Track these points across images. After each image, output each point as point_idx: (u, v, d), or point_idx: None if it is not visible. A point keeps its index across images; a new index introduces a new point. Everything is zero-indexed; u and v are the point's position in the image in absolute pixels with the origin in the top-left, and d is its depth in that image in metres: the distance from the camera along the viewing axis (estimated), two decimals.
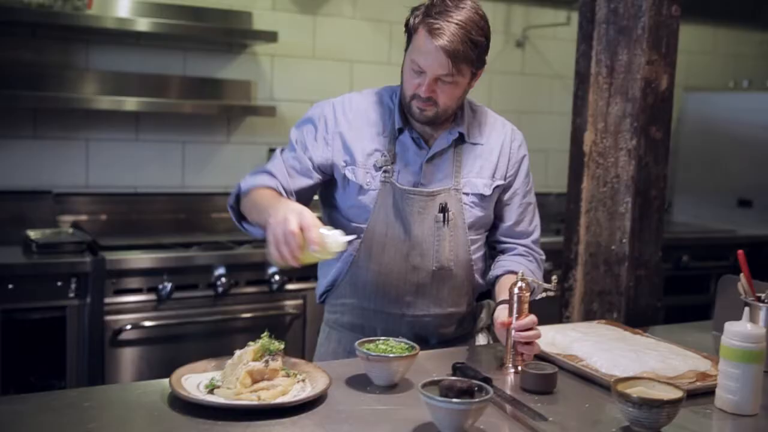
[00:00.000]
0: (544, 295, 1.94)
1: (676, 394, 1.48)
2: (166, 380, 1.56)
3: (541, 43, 4.78)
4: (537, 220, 2.13)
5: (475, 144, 2.01)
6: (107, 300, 2.92)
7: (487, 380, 1.65)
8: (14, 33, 3.36)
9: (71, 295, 2.85)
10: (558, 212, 4.35)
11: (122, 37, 3.54)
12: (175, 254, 3.09)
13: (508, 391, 1.69)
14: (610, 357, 1.82)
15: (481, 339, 2.15)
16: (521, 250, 2.08)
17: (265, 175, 1.96)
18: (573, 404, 1.65)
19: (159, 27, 3.38)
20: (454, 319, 2.05)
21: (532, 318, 1.80)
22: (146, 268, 2.98)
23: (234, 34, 3.69)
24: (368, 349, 1.68)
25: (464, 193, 1.98)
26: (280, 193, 1.91)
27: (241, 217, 1.96)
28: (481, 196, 2.00)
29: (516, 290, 1.82)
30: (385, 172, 1.95)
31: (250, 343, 1.62)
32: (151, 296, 3.03)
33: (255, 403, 1.49)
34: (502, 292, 1.92)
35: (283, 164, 1.98)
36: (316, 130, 1.99)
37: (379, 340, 1.74)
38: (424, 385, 1.46)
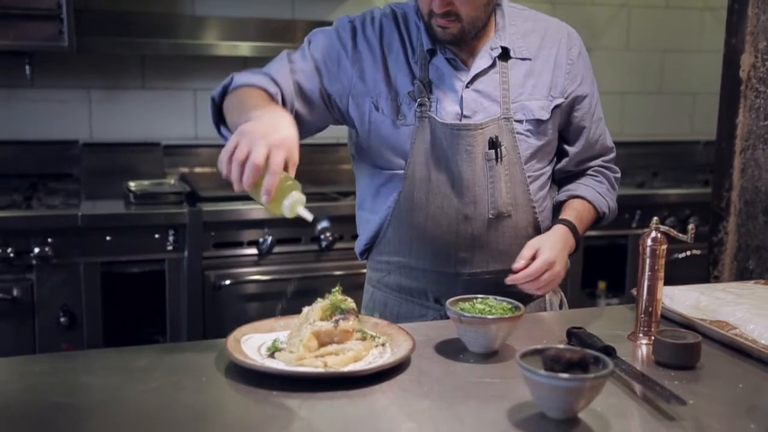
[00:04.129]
0: (686, 254, 1.57)
1: None
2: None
3: None
4: (607, 137, 1.84)
5: (524, 59, 1.67)
6: (206, 254, 2.79)
7: (609, 350, 1.34)
8: None
9: (170, 247, 2.74)
10: (706, 162, 3.87)
11: None
12: None
13: (638, 365, 1.37)
14: None
15: (554, 300, 1.83)
16: (590, 170, 1.81)
17: (267, 77, 1.60)
18: (720, 384, 1.31)
19: None
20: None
21: (546, 259, 1.58)
22: (245, 220, 2.82)
23: None
24: (462, 309, 1.40)
25: (517, 121, 1.64)
26: (277, 102, 1.55)
27: (221, 119, 1.61)
28: (538, 122, 1.67)
29: (649, 242, 1.47)
30: (421, 105, 1.63)
31: (319, 299, 1.38)
32: (252, 250, 2.87)
33: (317, 370, 1.25)
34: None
35: (290, 75, 1.62)
36: (333, 51, 1.64)
37: (476, 298, 1.45)
38: (524, 355, 1.17)
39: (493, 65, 1.65)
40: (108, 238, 2.67)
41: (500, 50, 1.65)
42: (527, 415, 1.15)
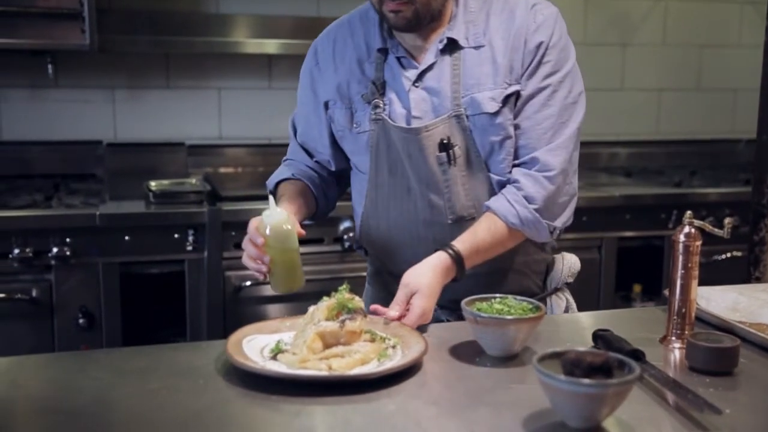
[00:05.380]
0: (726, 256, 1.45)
1: None
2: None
3: None
4: (563, 140, 1.50)
5: (478, 47, 1.52)
6: (227, 254, 2.73)
7: (637, 354, 1.24)
8: None
9: (189, 248, 2.68)
10: (748, 161, 3.71)
11: None
12: None
13: (669, 371, 1.26)
14: None
15: (558, 303, 1.67)
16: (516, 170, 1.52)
17: (283, 165, 1.74)
18: (759, 391, 1.21)
19: None
20: (499, 278, 1.59)
21: (419, 314, 1.39)
22: None
23: None
24: (479, 309, 1.31)
25: (468, 117, 1.51)
26: (298, 180, 1.67)
27: None
28: (490, 116, 1.50)
29: (682, 237, 1.37)
30: (375, 107, 1.56)
31: (325, 298, 1.30)
32: None
33: (319, 373, 1.17)
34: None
35: (295, 139, 1.73)
36: (305, 97, 1.69)
37: (494, 297, 1.36)
38: (542, 359, 1.08)
39: (440, 59, 1.53)
40: (127, 238, 2.62)
41: (446, 41, 1.52)
42: (545, 424, 1.06)
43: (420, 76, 1.54)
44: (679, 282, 1.37)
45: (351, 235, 2.83)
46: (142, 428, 1.05)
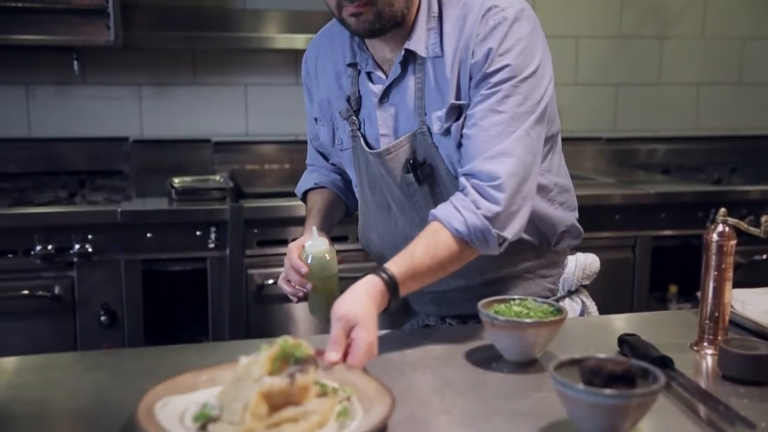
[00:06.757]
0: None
1: None
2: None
3: None
4: (506, 146, 1.31)
5: (436, 57, 1.39)
6: (249, 252, 2.68)
7: (665, 361, 1.16)
8: None
9: (211, 245, 2.64)
10: None
11: None
12: None
13: (700, 380, 1.18)
14: None
15: (573, 307, 1.56)
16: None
17: (307, 172, 1.74)
18: None
19: None
20: (498, 288, 1.47)
21: (367, 350, 1.15)
22: (289, 217, 2.70)
23: None
24: (496, 312, 1.24)
25: (432, 133, 1.40)
26: (324, 188, 1.68)
27: None
28: (443, 134, 1.38)
29: (715, 236, 1.28)
30: (351, 124, 1.50)
31: (263, 346, 1.02)
32: None
33: None
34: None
35: (311, 143, 1.71)
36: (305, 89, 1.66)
37: (513, 299, 1.29)
38: (560, 366, 1.00)
39: (404, 73, 1.41)
40: (149, 235, 2.59)
41: (403, 53, 1.40)
42: None
43: (386, 92, 1.44)
44: (711, 284, 1.28)
45: None
46: None
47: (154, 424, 0.94)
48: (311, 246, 1.45)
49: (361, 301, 1.19)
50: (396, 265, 1.26)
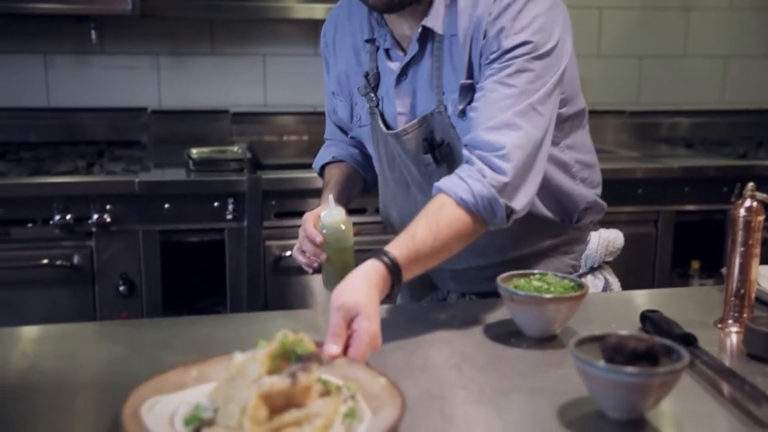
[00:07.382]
0: None
1: None
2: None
3: None
4: (510, 117, 1.25)
5: (453, 35, 1.34)
6: (267, 223, 2.67)
7: (688, 338, 1.14)
8: None
9: (229, 216, 2.63)
10: None
11: None
12: None
13: (724, 358, 1.15)
14: None
15: (595, 284, 1.53)
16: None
17: (325, 146, 1.71)
18: None
19: None
20: (519, 266, 1.38)
21: (370, 342, 1.06)
22: (307, 189, 2.68)
23: None
24: (516, 286, 1.22)
25: (449, 112, 1.37)
26: (341, 161, 1.65)
27: None
28: (459, 116, 1.34)
29: (742, 212, 1.25)
30: (370, 101, 1.47)
31: (262, 342, 0.93)
32: None
33: None
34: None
35: (329, 116, 1.68)
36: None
37: (533, 273, 1.27)
38: (580, 342, 0.98)
39: (422, 51, 1.37)
40: (167, 205, 2.59)
41: (421, 30, 1.35)
42: (582, 414, 0.97)
43: (404, 70, 1.40)
44: (738, 260, 1.25)
45: None
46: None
47: (142, 430, 0.85)
48: (327, 215, 1.41)
49: (362, 288, 1.09)
50: (398, 248, 1.18)
